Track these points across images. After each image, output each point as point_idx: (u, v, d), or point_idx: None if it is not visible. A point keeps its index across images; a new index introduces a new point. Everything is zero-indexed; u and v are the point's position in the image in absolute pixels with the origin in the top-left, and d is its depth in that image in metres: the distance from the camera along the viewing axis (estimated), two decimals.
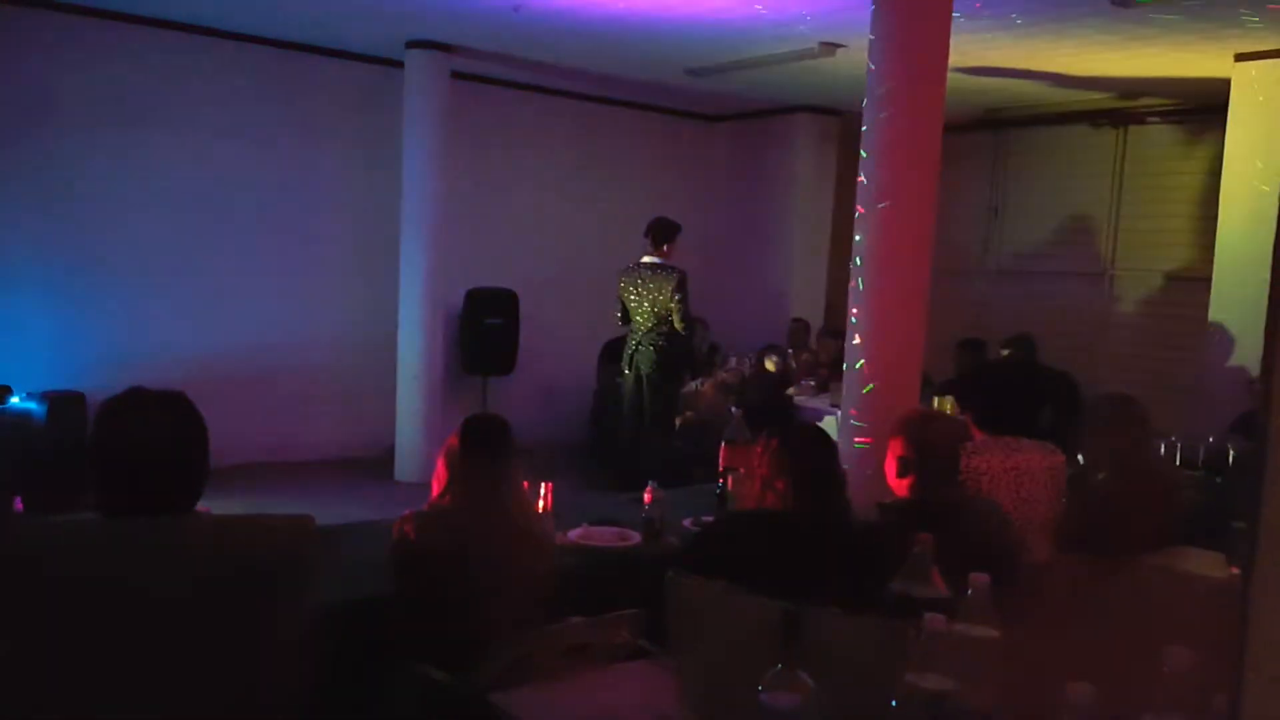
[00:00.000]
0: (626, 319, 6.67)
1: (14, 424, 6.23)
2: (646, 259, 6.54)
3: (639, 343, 6.59)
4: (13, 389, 6.32)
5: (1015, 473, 3.33)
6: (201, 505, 2.33)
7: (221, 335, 7.65)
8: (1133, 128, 8.46)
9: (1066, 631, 1.95)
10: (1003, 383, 3.81)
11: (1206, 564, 2.94)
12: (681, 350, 6.76)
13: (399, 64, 7.66)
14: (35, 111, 6.87)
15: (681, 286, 6.43)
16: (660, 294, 6.44)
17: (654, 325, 6.51)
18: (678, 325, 6.48)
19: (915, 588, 1.73)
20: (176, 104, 7.39)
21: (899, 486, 2.93)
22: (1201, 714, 1.26)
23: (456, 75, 7.80)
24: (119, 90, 7.17)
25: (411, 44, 7.48)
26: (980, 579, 1.63)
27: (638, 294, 6.53)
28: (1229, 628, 0.86)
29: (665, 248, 6.53)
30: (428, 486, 2.92)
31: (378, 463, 7.99)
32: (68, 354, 6.93)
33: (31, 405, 6.34)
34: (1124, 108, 8.25)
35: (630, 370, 6.66)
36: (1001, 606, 1.65)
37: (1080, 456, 3.67)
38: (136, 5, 6.87)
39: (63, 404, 6.40)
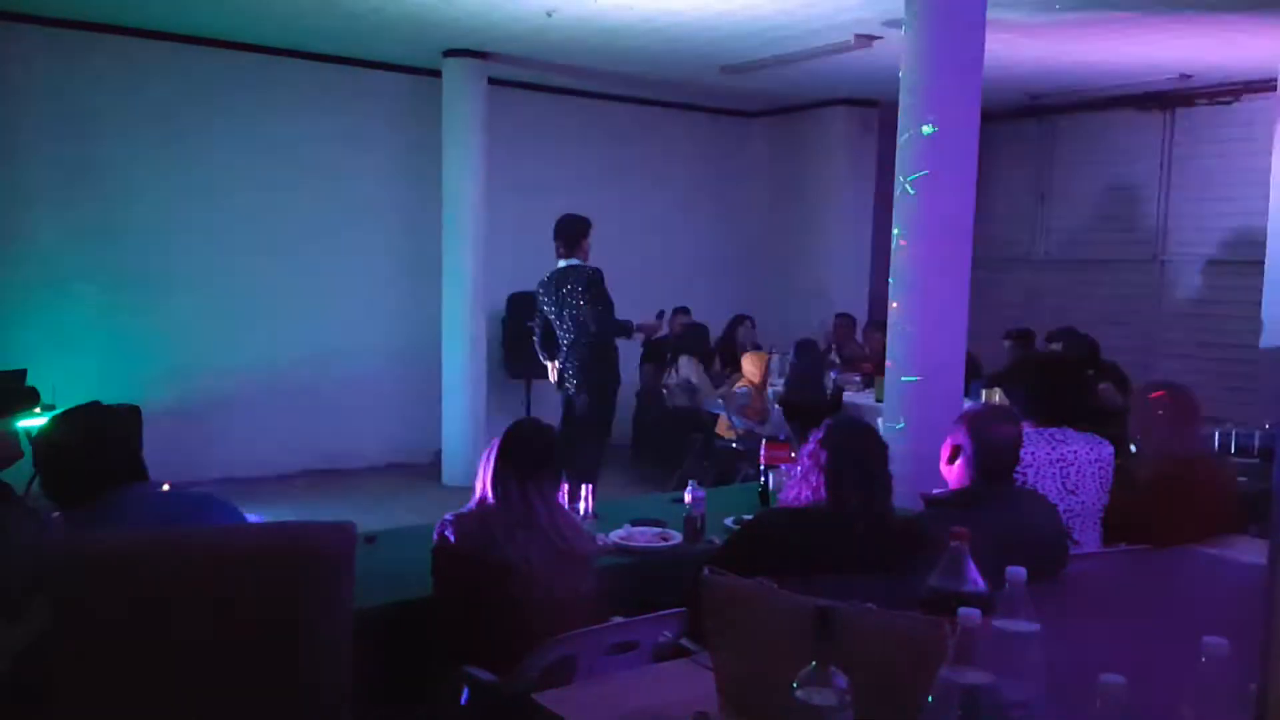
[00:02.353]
0: (547, 342, 5.88)
1: None
2: (561, 264, 5.80)
3: (565, 359, 5.81)
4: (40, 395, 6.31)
5: (1061, 464, 3.29)
6: (253, 516, 2.41)
7: (269, 346, 7.77)
8: (1180, 110, 8.29)
9: (1111, 622, 1.92)
10: (1047, 373, 3.76)
11: (1258, 552, 2.87)
12: (608, 361, 5.84)
13: (437, 73, 7.74)
14: (86, 132, 7.05)
15: (592, 286, 5.64)
16: (571, 299, 5.70)
17: (576, 338, 5.74)
18: (595, 328, 5.65)
19: (952, 582, 1.71)
20: (220, 120, 7.53)
21: (949, 474, 2.90)
22: (1240, 703, 1.24)
23: (493, 82, 7.86)
24: (165, 108, 7.32)
25: (449, 53, 7.56)
26: (1017, 573, 1.61)
27: (556, 306, 5.77)
28: None
29: (577, 248, 5.78)
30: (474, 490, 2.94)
31: (426, 468, 8.08)
32: (121, 367, 7.09)
33: None
34: (1171, 91, 8.09)
35: (561, 390, 5.91)
36: (1043, 599, 1.62)
37: (1132, 446, 3.62)
38: (180, 24, 7.02)
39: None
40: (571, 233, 5.80)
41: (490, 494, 2.78)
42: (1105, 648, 1.66)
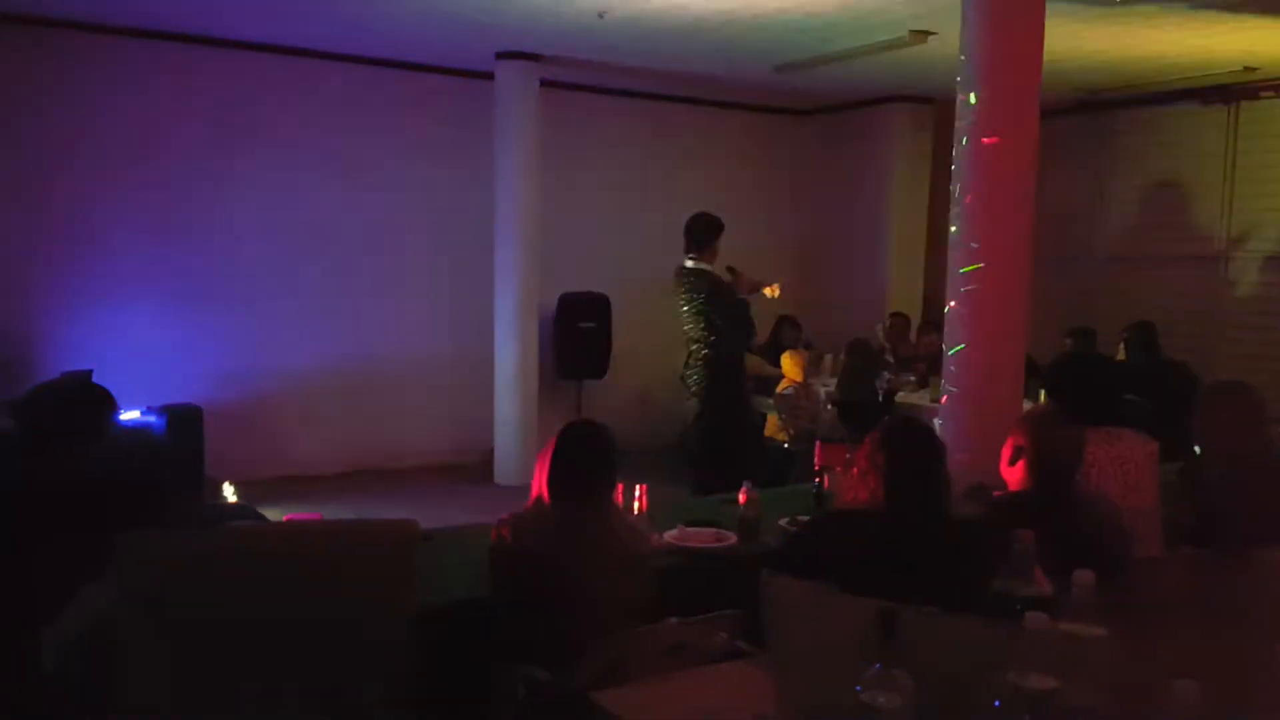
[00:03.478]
0: None
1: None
2: (688, 264, 5.63)
3: (687, 358, 5.73)
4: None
5: (1120, 461, 3.23)
6: (312, 512, 2.44)
7: (326, 347, 7.89)
8: (1245, 103, 8.09)
9: (1178, 628, 1.89)
10: (1085, 373, 3.70)
11: None
12: (733, 379, 5.70)
13: (489, 76, 7.79)
14: (147, 137, 7.21)
15: (714, 298, 5.49)
16: (694, 305, 5.58)
17: (699, 346, 5.64)
18: (722, 345, 5.53)
19: (1017, 586, 1.69)
20: (277, 125, 7.65)
21: (1010, 476, 2.87)
22: None
23: (546, 84, 7.90)
24: (224, 114, 7.46)
25: (501, 55, 7.61)
26: (1085, 576, 1.59)
27: (679, 304, 5.69)
28: None
29: (705, 250, 5.57)
30: (528, 490, 2.96)
31: (478, 467, 8.14)
32: (184, 369, 7.24)
33: (151, 418, 6.63)
34: (1235, 83, 7.90)
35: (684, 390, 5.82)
36: (1109, 603, 1.60)
37: (1196, 448, 3.54)
38: (236, 30, 7.14)
39: (180, 416, 6.68)
40: (698, 233, 5.59)
41: (546, 494, 2.80)
42: (1173, 652, 1.63)
